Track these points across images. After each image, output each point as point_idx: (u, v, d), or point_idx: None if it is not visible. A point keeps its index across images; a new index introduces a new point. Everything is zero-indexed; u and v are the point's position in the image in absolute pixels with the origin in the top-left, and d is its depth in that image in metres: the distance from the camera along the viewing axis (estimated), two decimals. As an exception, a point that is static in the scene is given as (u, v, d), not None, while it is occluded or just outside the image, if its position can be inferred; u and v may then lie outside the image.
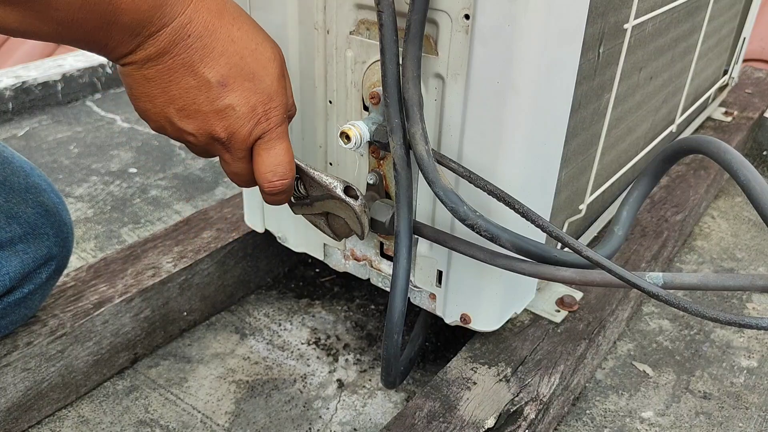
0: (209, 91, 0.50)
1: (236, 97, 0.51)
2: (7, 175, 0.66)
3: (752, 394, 0.79)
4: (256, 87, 0.51)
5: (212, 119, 0.51)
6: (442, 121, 0.61)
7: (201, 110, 0.50)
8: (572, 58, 0.61)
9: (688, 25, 0.91)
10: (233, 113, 0.51)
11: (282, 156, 0.55)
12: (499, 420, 0.63)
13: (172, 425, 0.73)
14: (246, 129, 0.52)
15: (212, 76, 0.49)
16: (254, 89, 0.51)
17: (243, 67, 0.50)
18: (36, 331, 0.70)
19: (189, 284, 0.83)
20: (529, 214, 0.56)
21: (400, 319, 0.62)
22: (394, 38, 0.55)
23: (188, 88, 0.50)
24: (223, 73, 0.50)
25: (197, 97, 0.50)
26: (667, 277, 0.58)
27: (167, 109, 0.51)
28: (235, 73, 0.50)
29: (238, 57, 0.50)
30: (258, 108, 0.52)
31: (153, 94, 0.50)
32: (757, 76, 1.48)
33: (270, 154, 0.54)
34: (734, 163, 0.61)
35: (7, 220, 0.65)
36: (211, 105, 0.50)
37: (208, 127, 0.51)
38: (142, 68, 0.49)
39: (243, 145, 0.53)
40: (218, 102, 0.50)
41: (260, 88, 0.52)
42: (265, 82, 0.52)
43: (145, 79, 0.49)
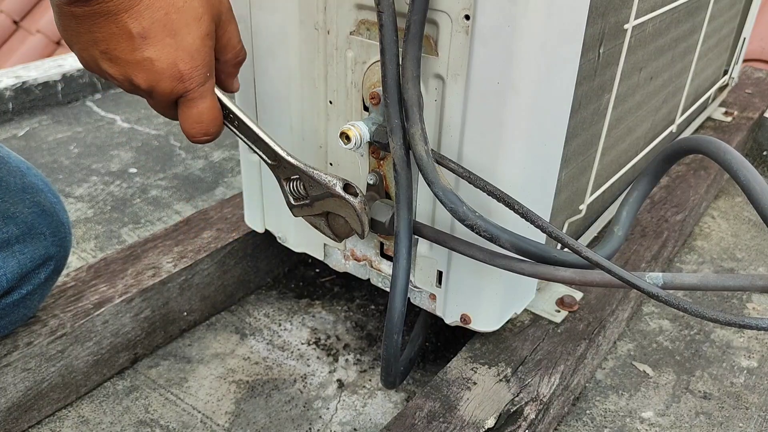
0: (130, 41, 0.51)
1: (156, 51, 0.52)
2: (3, 175, 0.66)
3: (752, 394, 0.79)
4: (177, 44, 0.52)
5: (133, 68, 0.52)
6: (442, 122, 0.61)
7: (121, 57, 0.52)
8: (572, 59, 0.61)
9: (688, 25, 0.91)
10: (152, 66, 0.52)
11: (204, 114, 0.56)
12: (499, 420, 0.63)
13: (172, 425, 0.73)
14: (166, 84, 0.53)
15: (133, 27, 0.50)
16: (175, 46, 0.52)
17: (166, 23, 0.51)
18: (36, 331, 0.71)
19: (189, 284, 0.83)
20: (529, 214, 0.56)
21: (400, 319, 0.62)
22: (394, 38, 0.55)
23: (110, 33, 0.51)
24: (145, 26, 0.51)
25: (118, 45, 0.51)
26: (667, 278, 0.58)
27: (91, 48, 0.52)
28: (158, 27, 0.51)
29: (162, 12, 0.51)
30: (179, 65, 0.53)
31: (79, 31, 0.52)
32: (757, 76, 1.48)
33: (192, 111, 0.56)
34: (734, 164, 0.61)
35: (4, 220, 0.65)
36: (131, 54, 0.51)
37: (129, 75, 0.53)
38: (70, 5, 0.50)
39: (165, 98, 0.55)
40: (137, 53, 0.51)
41: (182, 46, 0.52)
42: (186, 40, 0.52)
43: (72, 15, 0.51)
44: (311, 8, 0.65)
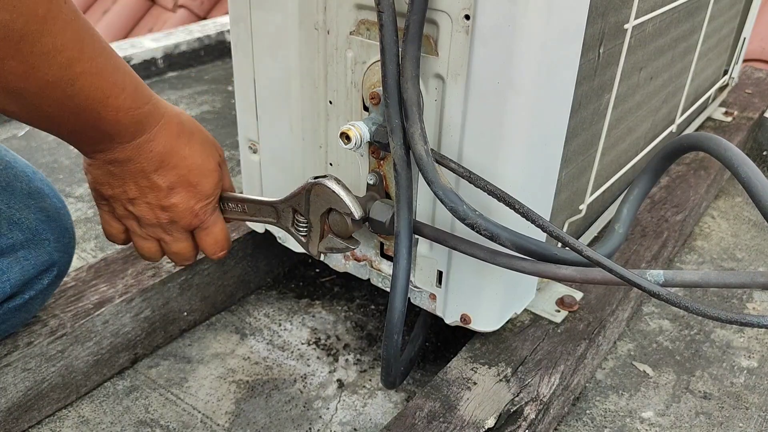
0: (159, 192, 0.62)
1: (179, 198, 0.63)
2: (9, 180, 0.66)
3: (752, 394, 0.79)
4: (197, 192, 0.64)
5: (158, 210, 0.63)
6: (442, 122, 0.61)
7: (150, 203, 0.63)
8: (572, 58, 0.61)
9: (688, 25, 0.91)
10: (176, 209, 0.64)
11: (218, 235, 0.68)
12: (499, 420, 0.63)
13: (172, 425, 0.73)
14: (185, 221, 0.65)
15: (163, 183, 0.62)
16: (195, 194, 0.64)
17: (189, 178, 0.63)
18: (36, 331, 0.71)
19: (189, 284, 0.83)
20: (529, 214, 0.56)
21: (400, 319, 0.62)
22: (395, 38, 0.55)
23: (142, 187, 0.62)
24: (172, 181, 0.62)
25: (148, 194, 0.62)
26: (668, 275, 0.58)
27: (122, 195, 0.63)
28: (182, 181, 0.62)
29: (186, 170, 0.62)
30: (197, 206, 0.65)
31: (112, 184, 0.62)
32: (757, 76, 1.48)
33: (209, 237, 0.68)
34: (735, 160, 0.61)
35: (9, 226, 0.64)
36: (158, 201, 0.63)
37: (154, 216, 0.64)
38: (107, 164, 0.60)
39: (182, 231, 0.66)
40: (165, 201, 0.63)
41: (200, 192, 0.64)
42: (205, 188, 0.64)
43: (108, 172, 0.61)
44: (311, 8, 0.65)
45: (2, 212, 0.64)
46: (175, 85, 1.61)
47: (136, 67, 1.58)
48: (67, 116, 0.53)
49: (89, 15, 2.93)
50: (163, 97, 1.54)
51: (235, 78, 0.75)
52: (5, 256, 0.64)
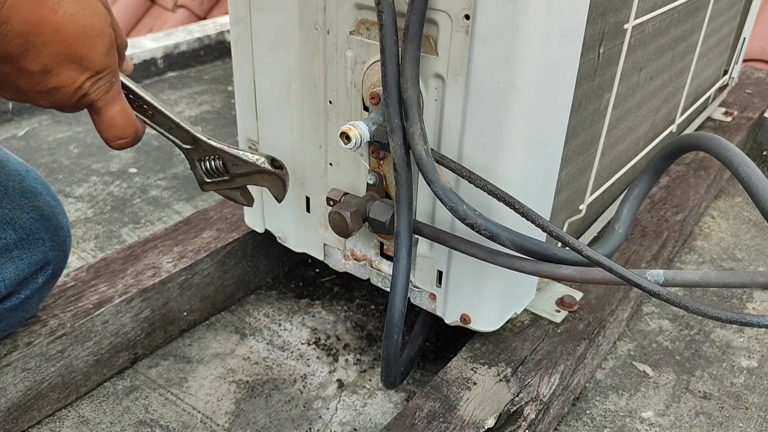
0: (31, 78, 0.49)
1: (61, 80, 0.50)
2: (1, 179, 0.65)
3: (752, 394, 0.79)
4: (83, 66, 0.50)
5: (35, 96, 0.51)
6: (442, 121, 0.61)
7: (21, 89, 0.50)
8: (572, 58, 0.61)
9: (688, 25, 0.91)
10: (58, 92, 0.51)
11: (116, 118, 0.55)
12: (499, 420, 0.63)
13: (172, 425, 0.73)
14: (72, 101, 0.52)
15: (33, 67, 0.48)
16: (81, 68, 0.50)
17: (68, 53, 0.49)
18: (36, 331, 0.70)
19: (189, 284, 0.83)
20: (529, 213, 0.56)
21: (400, 319, 0.62)
22: (394, 38, 0.55)
23: (9, 72, 0.49)
24: (46, 62, 0.48)
25: (17, 81, 0.49)
26: (668, 275, 0.58)
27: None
28: (60, 59, 0.49)
29: (63, 45, 0.48)
30: (86, 84, 0.51)
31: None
32: (757, 76, 1.48)
33: (103, 119, 0.54)
34: (735, 160, 0.61)
35: (2, 226, 0.64)
36: (33, 87, 0.50)
37: (31, 100, 0.51)
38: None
39: (71, 110, 0.54)
40: (41, 86, 0.50)
41: (88, 66, 0.50)
42: (94, 59, 0.50)
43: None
44: (311, 8, 0.65)
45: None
46: (174, 85, 1.61)
47: (136, 67, 1.58)
48: None
49: (89, 15, 2.93)
50: (163, 97, 1.54)
51: (235, 78, 0.75)
52: None
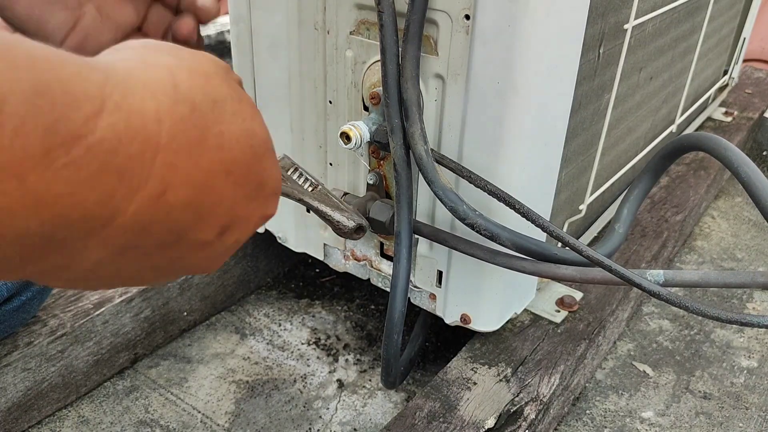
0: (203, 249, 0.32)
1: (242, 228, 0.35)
2: None
3: (752, 394, 0.79)
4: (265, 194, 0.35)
5: None
6: (442, 121, 0.61)
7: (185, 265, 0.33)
8: (572, 59, 0.61)
9: (688, 25, 0.91)
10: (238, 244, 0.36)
11: None
12: (499, 420, 0.63)
13: (172, 425, 0.73)
14: None
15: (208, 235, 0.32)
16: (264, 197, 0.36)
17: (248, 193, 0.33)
18: (36, 331, 0.70)
19: (189, 284, 0.83)
20: (529, 214, 0.56)
21: (400, 319, 0.62)
22: (395, 38, 0.55)
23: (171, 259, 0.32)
24: (224, 222, 0.32)
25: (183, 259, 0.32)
26: (668, 275, 0.58)
27: None
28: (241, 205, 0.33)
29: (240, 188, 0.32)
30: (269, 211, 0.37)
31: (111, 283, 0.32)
32: (757, 76, 1.48)
33: None
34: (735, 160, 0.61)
35: None
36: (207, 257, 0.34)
37: None
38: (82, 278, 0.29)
39: None
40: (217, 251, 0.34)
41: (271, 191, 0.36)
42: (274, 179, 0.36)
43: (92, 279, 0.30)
44: (311, 8, 0.65)
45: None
46: (175, 85, 1.61)
47: (136, 67, 1.58)
48: None
49: (89, 15, 2.92)
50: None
51: (235, 78, 0.75)
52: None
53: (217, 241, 0.33)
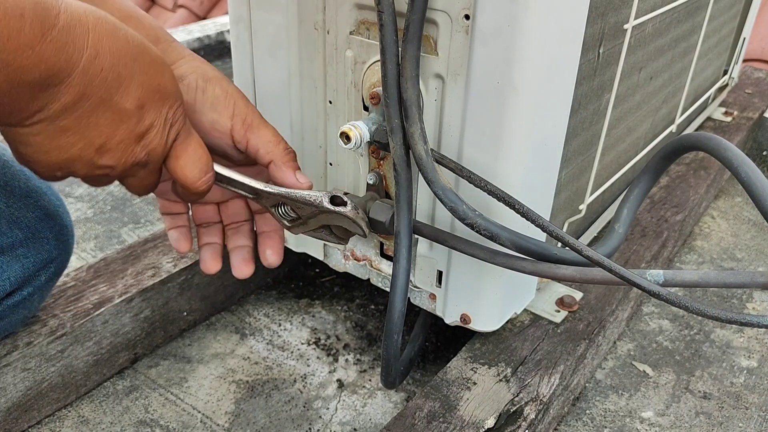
0: (129, 119, 0.47)
1: (153, 115, 0.49)
2: (7, 179, 0.66)
3: (752, 394, 0.79)
4: (164, 96, 0.49)
5: (133, 145, 0.49)
6: (442, 121, 0.61)
7: (122, 140, 0.48)
8: (572, 59, 0.61)
9: (688, 25, 0.91)
10: (152, 131, 0.49)
11: (200, 150, 0.53)
12: (499, 420, 0.63)
13: (172, 425, 0.73)
14: (163, 141, 0.50)
15: (130, 103, 0.47)
16: (163, 99, 0.49)
17: (150, 83, 0.48)
18: (36, 331, 0.70)
19: (189, 284, 0.83)
20: (529, 213, 0.56)
21: (400, 319, 0.62)
22: (394, 38, 0.55)
23: (108, 123, 0.46)
24: (139, 95, 0.47)
25: (117, 130, 0.47)
26: (668, 275, 0.58)
27: (85, 152, 0.47)
28: (148, 90, 0.48)
29: (144, 75, 0.47)
30: (169, 114, 0.50)
31: (69, 143, 0.46)
32: (757, 76, 1.48)
33: (188, 152, 0.52)
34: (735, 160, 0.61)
35: (9, 225, 0.65)
36: (132, 132, 0.48)
37: (130, 155, 0.49)
38: (56, 120, 0.44)
39: (161, 157, 0.52)
40: (139, 127, 0.48)
41: (167, 95, 0.50)
42: (169, 87, 0.50)
43: (60, 131, 0.45)
44: (311, 8, 0.65)
45: (2, 211, 0.64)
46: (174, 85, 1.61)
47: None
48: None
49: (89, 15, 2.93)
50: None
51: (235, 78, 0.75)
52: (5, 254, 0.65)
53: (137, 114, 0.47)
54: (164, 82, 0.49)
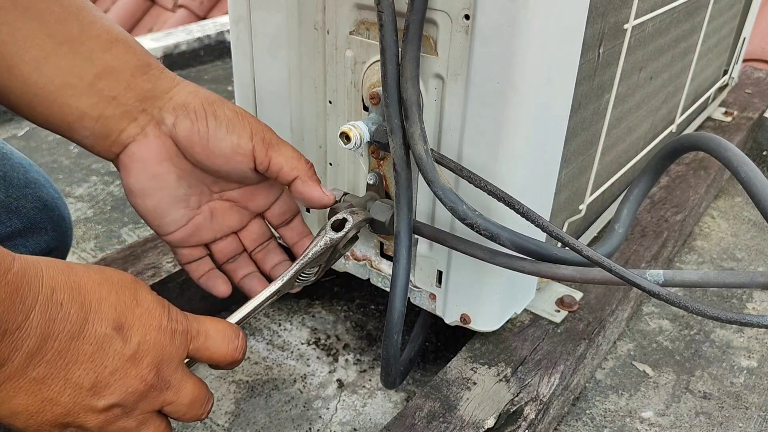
0: (113, 343, 0.43)
1: (140, 331, 0.45)
2: (6, 170, 0.66)
3: (752, 394, 0.79)
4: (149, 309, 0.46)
5: (132, 369, 0.44)
6: (442, 121, 0.61)
7: (116, 369, 0.43)
8: (572, 58, 0.61)
9: (688, 25, 0.91)
10: (146, 347, 0.45)
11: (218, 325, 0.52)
12: (499, 420, 0.63)
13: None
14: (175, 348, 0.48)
15: (106, 328, 0.43)
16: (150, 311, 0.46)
17: (125, 301, 0.45)
18: (36, 331, 0.70)
19: (189, 284, 0.83)
20: (529, 214, 0.56)
21: (399, 319, 0.62)
22: (394, 38, 0.55)
23: (89, 357, 0.42)
24: (114, 317, 0.43)
25: (105, 360, 0.43)
26: (668, 275, 0.58)
27: (78, 397, 0.42)
28: (123, 309, 0.44)
29: (115, 295, 0.44)
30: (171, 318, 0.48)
31: (55, 393, 0.41)
32: (757, 76, 1.48)
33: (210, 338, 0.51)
34: (735, 160, 0.61)
35: (8, 215, 0.65)
36: (122, 356, 0.43)
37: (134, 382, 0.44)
38: (27, 373, 0.40)
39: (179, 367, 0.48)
40: (127, 348, 0.44)
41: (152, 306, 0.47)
42: (148, 298, 0.47)
43: (36, 383, 0.40)
44: (311, 8, 0.65)
45: (1, 201, 0.65)
46: (175, 85, 1.61)
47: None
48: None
49: (89, 15, 2.93)
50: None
51: (235, 78, 0.75)
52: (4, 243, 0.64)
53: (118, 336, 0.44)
54: (140, 295, 0.46)
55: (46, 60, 0.51)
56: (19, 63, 0.51)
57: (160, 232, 0.60)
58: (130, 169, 0.56)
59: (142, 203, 0.58)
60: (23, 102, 0.53)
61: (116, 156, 0.56)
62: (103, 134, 0.55)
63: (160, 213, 0.59)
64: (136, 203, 0.58)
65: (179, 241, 0.61)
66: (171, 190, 0.58)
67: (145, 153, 0.56)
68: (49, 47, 0.51)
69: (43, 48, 0.51)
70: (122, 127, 0.55)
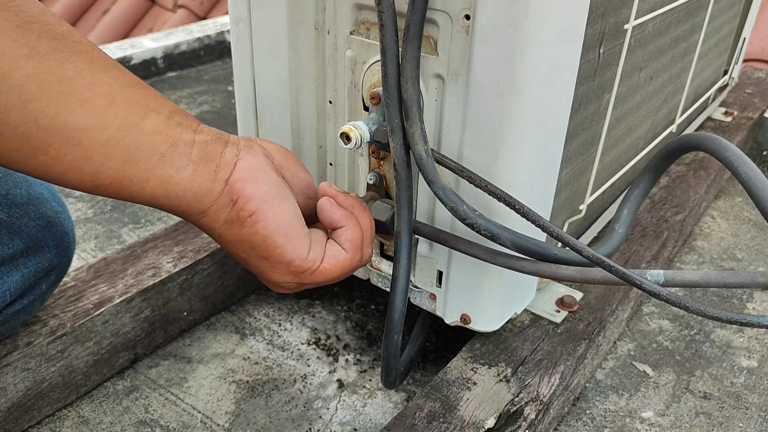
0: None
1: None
2: (9, 188, 0.65)
3: (752, 394, 0.79)
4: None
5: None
6: (442, 122, 0.61)
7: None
8: (572, 59, 0.61)
9: (688, 25, 0.91)
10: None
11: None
12: (499, 420, 0.63)
13: (172, 425, 0.73)
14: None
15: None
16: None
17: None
18: (36, 331, 0.70)
19: (189, 284, 0.83)
20: (529, 214, 0.56)
21: (400, 319, 0.62)
22: (395, 38, 0.55)
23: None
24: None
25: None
26: (668, 275, 0.58)
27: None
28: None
29: None
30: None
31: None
32: (757, 76, 1.48)
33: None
34: (735, 160, 0.61)
35: (10, 235, 0.64)
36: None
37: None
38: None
39: None
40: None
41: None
42: None
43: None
44: (311, 8, 0.65)
45: (2, 222, 0.63)
46: (174, 85, 1.61)
47: (136, 66, 1.58)
48: None
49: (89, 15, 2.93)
50: (163, 97, 1.54)
51: (235, 78, 0.75)
52: (6, 264, 0.64)
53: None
54: None
55: None
56: None
57: None
58: (256, 178, 0.51)
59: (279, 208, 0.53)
60: None
61: (225, 182, 0.50)
62: (205, 159, 0.50)
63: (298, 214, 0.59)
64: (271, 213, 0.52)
65: None
66: None
67: (262, 161, 0.53)
68: None
69: None
70: (221, 150, 0.51)
